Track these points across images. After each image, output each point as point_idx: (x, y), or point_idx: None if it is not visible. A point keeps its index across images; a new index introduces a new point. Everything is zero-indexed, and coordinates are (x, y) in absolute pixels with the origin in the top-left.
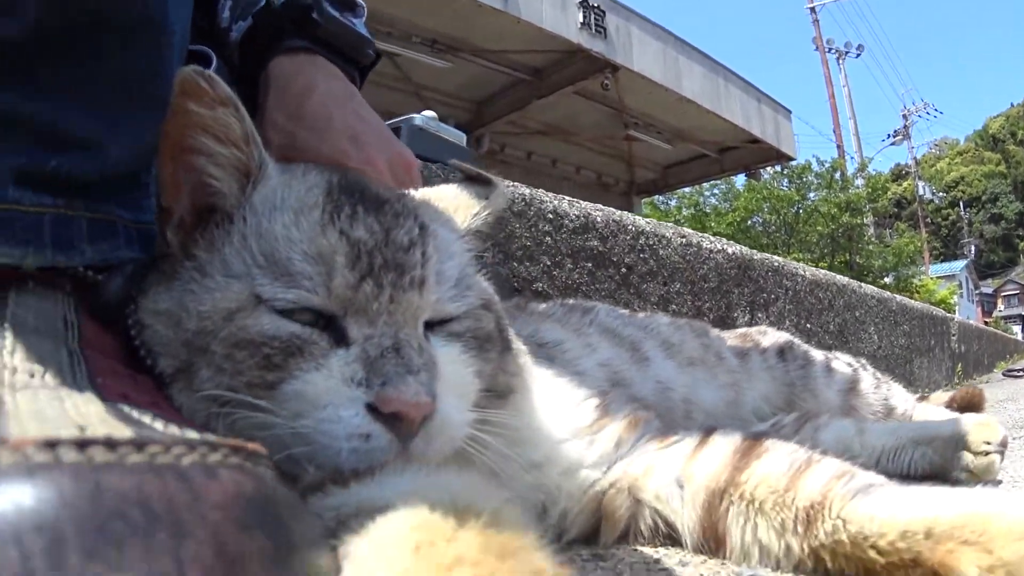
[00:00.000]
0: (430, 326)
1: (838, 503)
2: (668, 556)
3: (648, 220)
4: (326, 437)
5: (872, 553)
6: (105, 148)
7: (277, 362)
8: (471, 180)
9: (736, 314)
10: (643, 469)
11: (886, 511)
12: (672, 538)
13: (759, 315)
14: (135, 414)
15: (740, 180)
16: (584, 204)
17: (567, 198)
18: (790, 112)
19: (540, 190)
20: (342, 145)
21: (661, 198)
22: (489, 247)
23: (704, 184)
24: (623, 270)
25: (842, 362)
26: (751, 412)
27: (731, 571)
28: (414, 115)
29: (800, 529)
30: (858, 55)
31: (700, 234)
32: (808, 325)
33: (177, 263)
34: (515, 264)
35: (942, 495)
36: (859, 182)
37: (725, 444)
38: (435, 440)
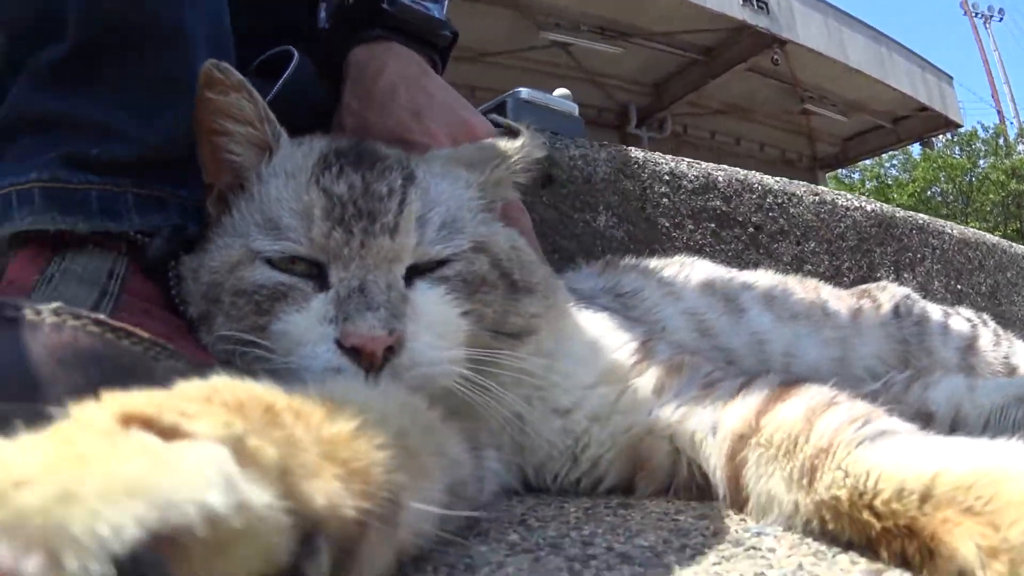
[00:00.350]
0: (419, 271)
1: (842, 451)
2: (693, 509)
3: (777, 179)
4: (307, 372)
5: (867, 515)
6: (140, 137)
7: (265, 307)
8: (508, 133)
9: (879, 274)
10: (681, 416)
11: (890, 463)
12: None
13: (905, 275)
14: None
15: (916, 150)
16: (704, 164)
17: (685, 159)
18: (951, 78)
19: (656, 153)
20: (404, 120)
21: (844, 172)
22: (602, 210)
23: (883, 156)
24: (750, 230)
25: (962, 318)
26: (864, 370)
27: (742, 528)
28: (521, 89)
29: (804, 481)
30: (1000, 19)
31: (835, 191)
32: (958, 287)
33: (211, 229)
34: (630, 226)
35: (966, 446)
36: (1021, 147)
37: (761, 388)
38: (403, 376)
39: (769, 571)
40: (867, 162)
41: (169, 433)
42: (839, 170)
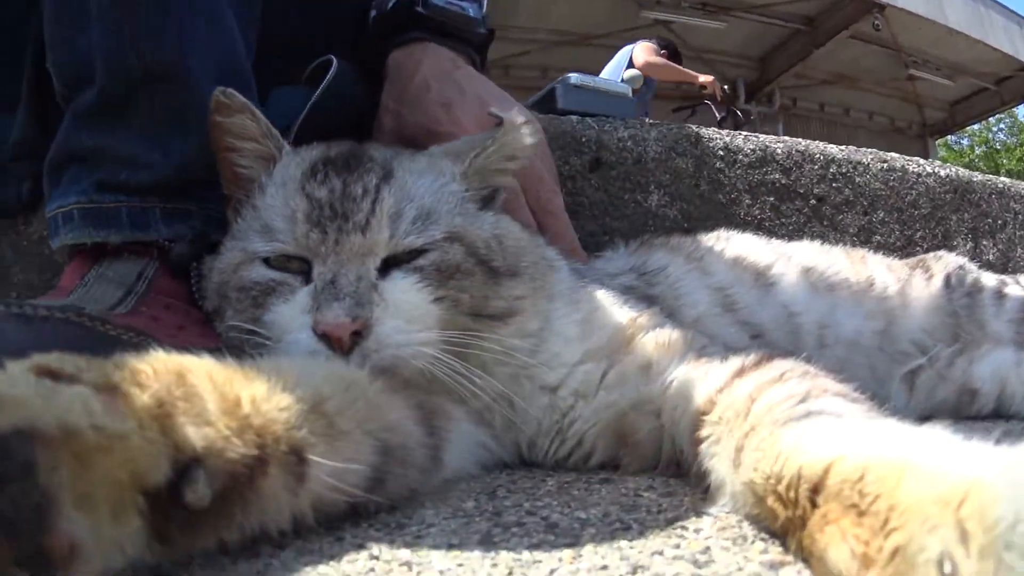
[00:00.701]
0: (396, 262)
1: (764, 430)
2: (666, 487)
3: (841, 147)
4: (296, 354)
5: (772, 501)
6: (159, 164)
7: (260, 301)
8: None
9: (955, 243)
10: (665, 391)
11: (800, 446)
12: None
13: (984, 243)
14: (128, 320)
15: (1022, 112)
16: (762, 137)
17: (742, 133)
18: None
19: (711, 129)
20: (435, 112)
21: (954, 139)
22: (653, 189)
23: (991, 120)
24: (812, 202)
25: (1021, 286)
26: (911, 344)
27: (692, 508)
28: (570, 74)
29: (738, 460)
30: None
31: (905, 157)
32: None
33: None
34: (684, 204)
35: (888, 432)
36: None
37: (735, 363)
38: (371, 357)
39: (675, 550)
40: (975, 127)
41: (64, 379)
42: (949, 136)
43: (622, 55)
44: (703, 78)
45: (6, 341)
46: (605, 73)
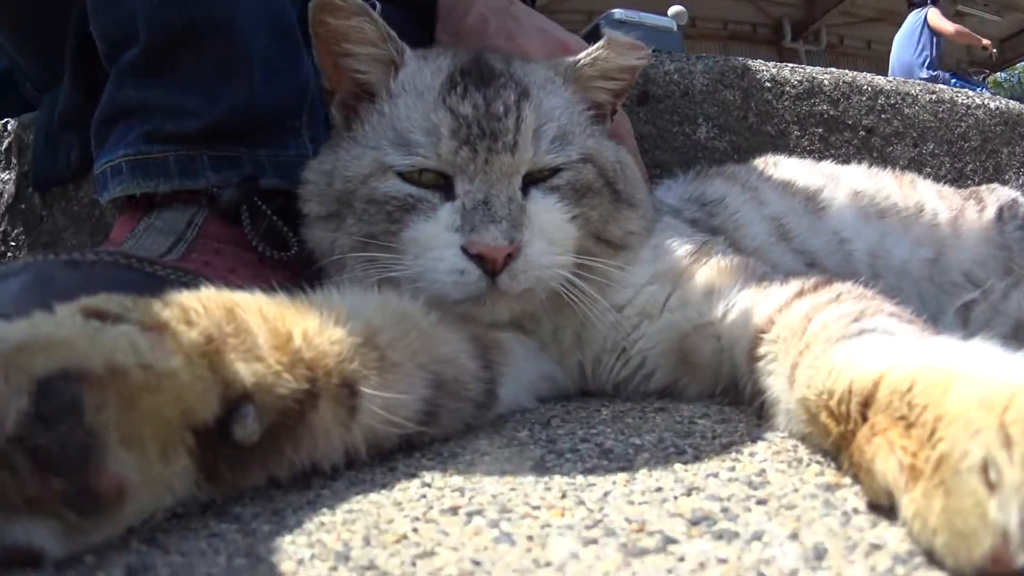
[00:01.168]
0: (533, 180)
1: (818, 348)
2: (720, 414)
3: (889, 79)
4: (433, 272)
5: (825, 418)
6: (206, 112)
7: (396, 216)
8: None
9: (1007, 176)
10: (726, 314)
11: (852, 361)
12: None
13: None
14: (178, 264)
15: None
16: (809, 68)
17: (789, 65)
18: None
19: (757, 60)
20: (499, 44)
21: (1003, 75)
22: (701, 122)
23: None
24: (862, 133)
25: None
26: (962, 276)
27: (746, 433)
28: (614, 10)
29: (792, 378)
30: None
31: (954, 89)
32: None
33: (339, 134)
34: (732, 136)
35: (938, 344)
36: None
37: (793, 286)
38: (519, 277)
39: (730, 473)
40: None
41: (111, 319)
42: (998, 74)
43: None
44: (985, 41)
45: (54, 285)
46: (899, 40)
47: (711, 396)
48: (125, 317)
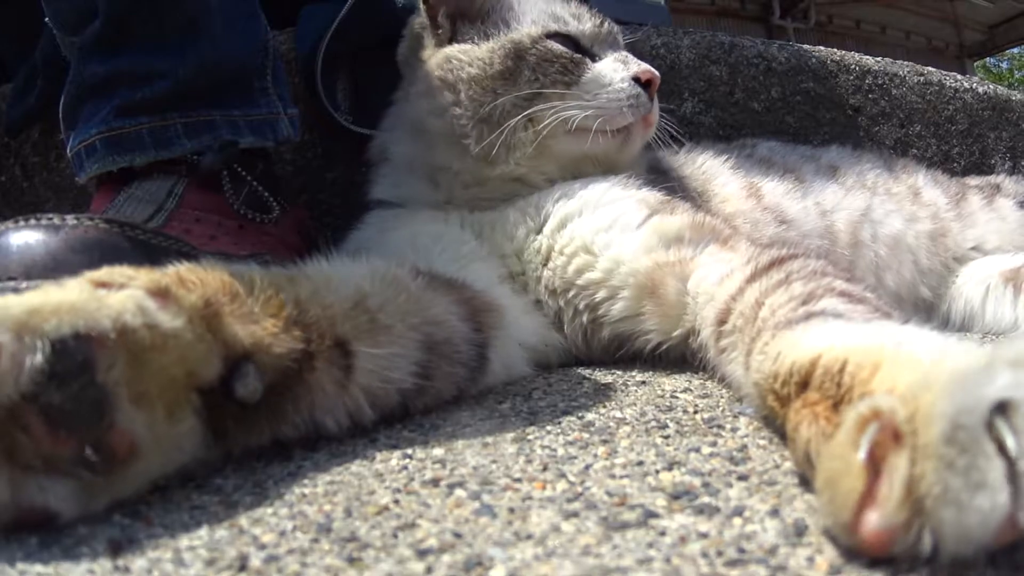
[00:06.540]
0: None
1: (768, 333)
2: (701, 389)
3: (877, 59)
4: (615, 101)
5: (771, 400)
6: (175, 71)
7: (569, 68)
8: None
9: (993, 161)
10: (691, 259)
11: (797, 344)
12: None
13: (1023, 163)
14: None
15: None
16: (797, 46)
17: (777, 42)
18: None
19: (745, 37)
20: None
21: (993, 60)
22: (687, 96)
23: None
24: (848, 112)
25: None
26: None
27: (732, 412)
28: None
29: (747, 364)
30: None
31: (942, 72)
32: None
33: (457, 36)
34: (718, 111)
35: (878, 328)
36: None
37: (747, 268)
38: (656, 106)
39: (711, 448)
40: (1016, 51)
41: (115, 288)
42: (987, 59)
43: None
44: None
45: (36, 247)
46: None
47: (667, 337)
48: (129, 285)
